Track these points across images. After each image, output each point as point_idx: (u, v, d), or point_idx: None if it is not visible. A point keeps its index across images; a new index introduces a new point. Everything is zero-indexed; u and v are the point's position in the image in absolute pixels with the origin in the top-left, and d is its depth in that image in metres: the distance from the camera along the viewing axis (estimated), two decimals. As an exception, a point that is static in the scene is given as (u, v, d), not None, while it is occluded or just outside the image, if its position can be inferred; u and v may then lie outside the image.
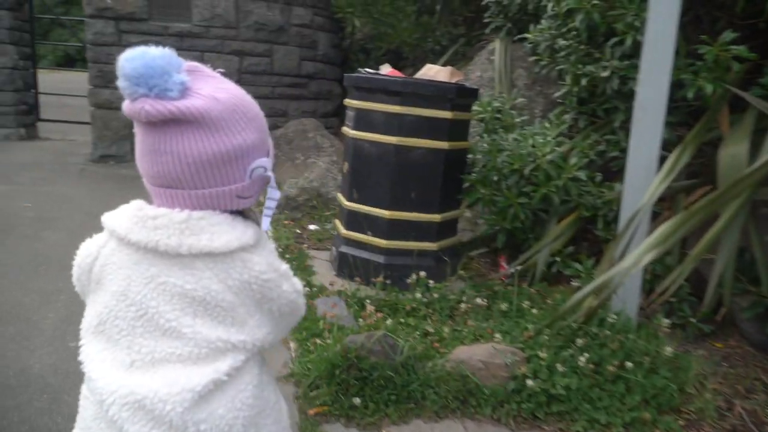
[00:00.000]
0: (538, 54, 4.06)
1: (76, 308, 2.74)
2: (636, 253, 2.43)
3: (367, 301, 2.88)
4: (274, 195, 1.05)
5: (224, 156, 0.96)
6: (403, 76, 3.39)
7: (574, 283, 3.14)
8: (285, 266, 1.07)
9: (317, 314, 2.73)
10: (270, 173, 1.03)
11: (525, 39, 4.14)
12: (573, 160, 3.25)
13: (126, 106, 0.92)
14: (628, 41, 3.14)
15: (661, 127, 2.72)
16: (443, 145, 3.07)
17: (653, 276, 3.02)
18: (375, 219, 3.15)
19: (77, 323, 2.20)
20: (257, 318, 1.02)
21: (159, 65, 0.89)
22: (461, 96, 3.11)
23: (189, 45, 5.86)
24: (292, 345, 2.55)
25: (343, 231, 3.30)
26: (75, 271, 1.06)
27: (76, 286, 1.08)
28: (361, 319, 2.69)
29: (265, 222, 1.05)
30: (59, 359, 2.33)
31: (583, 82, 3.47)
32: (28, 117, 7.21)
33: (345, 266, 3.23)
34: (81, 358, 0.99)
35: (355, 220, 3.21)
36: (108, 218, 1.01)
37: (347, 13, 6.39)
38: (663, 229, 2.53)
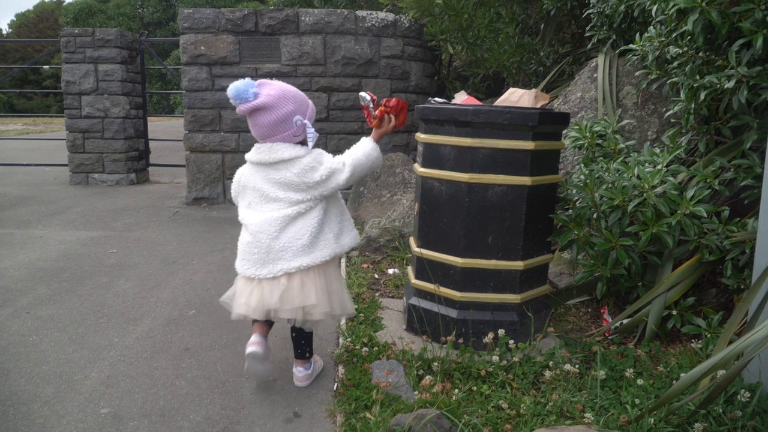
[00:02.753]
0: (646, 67, 3.48)
1: (122, 368, 2.56)
2: (775, 317, 1.82)
3: (435, 364, 2.46)
4: (309, 129, 2.22)
5: (280, 119, 2.18)
6: (480, 103, 2.98)
7: (695, 345, 2.52)
8: (324, 163, 2.23)
9: (371, 381, 2.35)
10: (305, 121, 2.22)
11: (632, 51, 3.57)
12: (691, 192, 2.65)
13: (237, 109, 2.18)
14: (758, 42, 2.53)
15: (807, 147, 2.10)
16: (525, 180, 2.60)
17: (805, 339, 2.35)
18: (448, 267, 2.73)
19: (116, 386, 2.46)
20: (311, 191, 2.22)
21: (242, 89, 2.14)
22: (546, 123, 2.63)
23: (277, 84, 5.81)
24: (338, 419, 2.18)
25: (413, 280, 2.91)
26: (233, 187, 2.39)
27: (233, 195, 2.42)
28: (417, 391, 2.27)
29: (310, 143, 2.23)
30: (85, 430, 2.13)
31: (703, 95, 2.86)
32: (138, 162, 7.56)
33: (415, 320, 2.83)
34: (240, 218, 2.30)
35: (425, 269, 2.81)
36: (247, 155, 2.29)
37: (441, 41, 6.07)
38: (814, 283, 1.91)
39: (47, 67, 11.35)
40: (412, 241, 3.01)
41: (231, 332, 2.94)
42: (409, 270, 3.07)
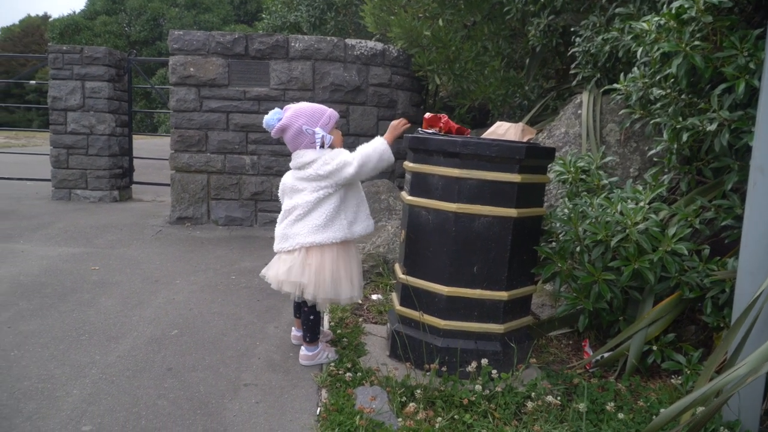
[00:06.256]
0: (630, 106, 3.58)
1: (104, 386, 2.53)
2: (755, 356, 1.86)
3: (418, 391, 2.46)
4: (317, 135, 2.69)
5: (296, 133, 2.71)
6: (468, 133, 3.04)
7: (675, 381, 2.56)
8: (336, 158, 2.67)
9: (355, 407, 2.35)
10: (314, 129, 2.70)
11: (616, 90, 3.67)
12: (672, 230, 2.71)
13: (272, 133, 2.79)
14: (740, 87, 2.61)
15: (785, 190, 2.17)
16: (511, 212, 2.65)
17: (781, 376, 2.39)
18: (433, 296, 2.75)
19: (98, 404, 2.43)
20: (327, 180, 2.68)
21: (269, 118, 2.76)
22: (532, 156, 2.69)
23: (265, 108, 5.86)
24: (322, 446, 2.17)
25: (398, 307, 2.92)
26: (280, 188, 2.87)
27: (279, 195, 2.91)
28: (401, 418, 2.26)
29: (318, 146, 2.70)
30: (64, 449, 2.09)
31: (685, 137, 2.94)
32: (122, 180, 7.51)
33: (399, 347, 2.84)
34: (284, 204, 2.82)
35: (410, 296, 2.83)
36: (290, 164, 2.80)
37: (428, 71, 6.18)
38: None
39: (33, 82, 11.28)
40: (397, 267, 3.03)
41: (214, 353, 2.91)
42: (394, 296, 3.09)
